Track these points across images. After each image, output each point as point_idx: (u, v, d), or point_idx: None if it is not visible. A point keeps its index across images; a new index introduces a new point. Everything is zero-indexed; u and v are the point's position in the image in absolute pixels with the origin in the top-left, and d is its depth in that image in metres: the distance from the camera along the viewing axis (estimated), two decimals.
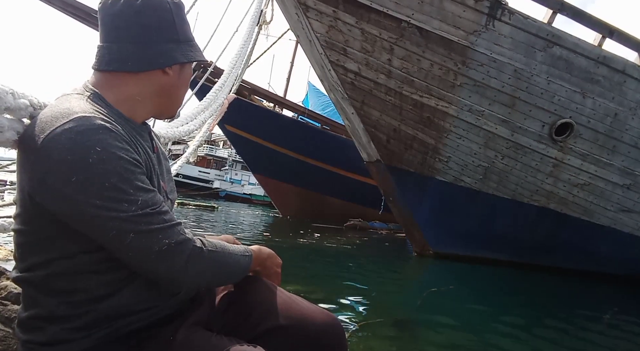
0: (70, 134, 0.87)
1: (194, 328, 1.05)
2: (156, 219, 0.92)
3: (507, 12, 6.59)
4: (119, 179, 0.88)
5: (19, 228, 0.95)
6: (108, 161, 0.87)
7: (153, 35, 1.05)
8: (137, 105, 1.06)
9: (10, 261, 4.04)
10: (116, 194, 0.88)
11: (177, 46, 1.08)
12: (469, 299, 5.47)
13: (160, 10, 1.05)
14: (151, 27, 1.04)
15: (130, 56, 1.03)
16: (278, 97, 16.26)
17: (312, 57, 7.94)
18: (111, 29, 1.04)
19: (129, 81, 1.05)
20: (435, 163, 7.82)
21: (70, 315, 0.93)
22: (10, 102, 0.99)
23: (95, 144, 0.87)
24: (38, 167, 0.88)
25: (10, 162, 5.06)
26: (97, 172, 0.86)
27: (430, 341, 3.41)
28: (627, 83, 7.04)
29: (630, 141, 7.30)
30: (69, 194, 0.86)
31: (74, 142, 0.86)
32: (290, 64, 21.36)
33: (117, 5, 1.01)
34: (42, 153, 0.87)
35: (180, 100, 1.18)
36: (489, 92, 7.03)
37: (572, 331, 4.34)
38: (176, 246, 0.94)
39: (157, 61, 1.05)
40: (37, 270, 0.93)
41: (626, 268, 8.11)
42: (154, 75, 1.06)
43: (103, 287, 0.95)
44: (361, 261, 7.40)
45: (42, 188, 0.88)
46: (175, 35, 1.08)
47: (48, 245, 0.92)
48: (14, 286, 2.01)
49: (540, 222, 7.98)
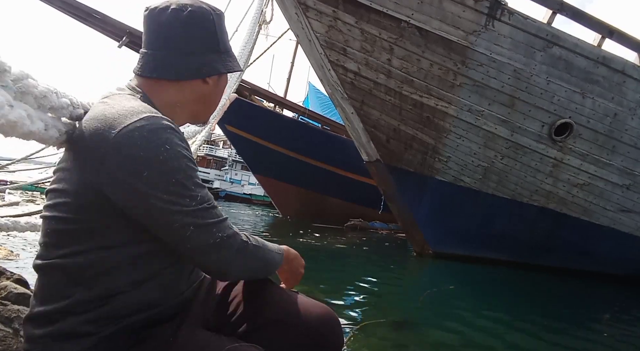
0: (143, 131, 0.92)
1: (194, 328, 1.06)
2: (211, 214, 1.00)
3: (507, 12, 6.59)
4: (184, 176, 0.95)
5: (61, 216, 0.97)
6: (175, 159, 0.94)
7: (197, 46, 1.11)
8: (176, 111, 1.12)
9: (10, 261, 4.05)
10: (181, 190, 0.95)
11: (218, 57, 1.14)
12: (468, 299, 5.48)
13: (205, 21, 1.10)
14: (195, 38, 1.10)
15: (174, 65, 1.09)
16: (278, 98, 16.27)
17: (311, 57, 7.94)
18: (157, 37, 1.09)
19: (170, 88, 1.10)
20: (434, 163, 7.83)
21: (88, 309, 0.96)
22: (55, 101, 1.02)
23: (165, 142, 0.93)
24: (109, 161, 0.91)
25: (10, 162, 5.06)
26: (166, 169, 0.93)
27: (430, 341, 3.42)
28: (627, 83, 7.05)
29: (629, 141, 7.31)
30: (139, 188, 0.91)
31: (147, 140, 0.91)
32: (290, 64, 21.35)
33: (164, 14, 1.07)
34: (114, 148, 0.91)
35: (215, 107, 1.25)
36: (488, 92, 7.03)
37: (572, 331, 4.35)
38: (227, 239, 1.02)
39: (199, 71, 1.11)
40: (74, 257, 0.96)
41: (625, 268, 8.12)
42: (195, 84, 1.12)
43: (124, 283, 0.98)
44: (361, 261, 7.41)
45: (113, 181, 0.92)
46: (216, 46, 1.14)
47: (91, 235, 0.96)
48: (14, 286, 2.02)
49: (539, 222, 7.99)
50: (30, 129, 0.95)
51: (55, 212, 0.98)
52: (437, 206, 8.06)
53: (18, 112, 0.92)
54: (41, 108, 1.01)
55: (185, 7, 1.08)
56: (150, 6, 1.10)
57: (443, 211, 8.06)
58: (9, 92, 0.93)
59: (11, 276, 2.34)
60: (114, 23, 9.05)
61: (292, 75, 21.45)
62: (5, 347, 1.51)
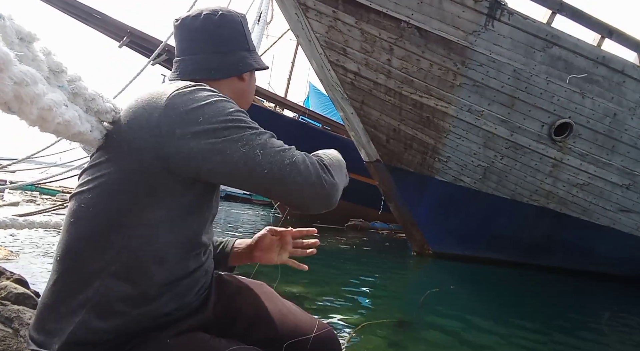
0: (189, 92, 0.99)
1: (192, 331, 1.05)
2: (277, 143, 1.00)
3: (507, 13, 6.60)
4: (237, 110, 1.00)
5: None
6: (226, 101, 1.00)
7: (231, 45, 1.19)
8: None
9: (10, 261, 4.06)
10: (239, 123, 0.97)
11: (249, 54, 1.22)
12: (468, 299, 5.48)
13: (235, 23, 1.20)
14: (229, 38, 1.19)
15: (213, 65, 1.16)
16: (279, 98, 16.25)
17: (311, 57, 7.95)
18: (193, 42, 1.17)
19: (209, 83, 1.13)
20: (434, 163, 7.83)
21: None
22: (101, 105, 1.05)
23: (212, 96, 1.00)
24: (166, 121, 0.95)
25: (10, 163, 5.07)
26: (219, 107, 0.97)
27: (431, 341, 3.42)
28: (627, 83, 7.05)
29: (629, 141, 7.31)
30: (198, 132, 0.93)
31: (195, 95, 0.98)
32: (291, 64, 21.33)
33: (198, 20, 1.16)
34: (169, 108, 0.96)
35: (249, 104, 1.31)
36: (488, 92, 7.04)
37: (572, 331, 4.35)
38: (301, 157, 1.00)
39: (236, 68, 1.19)
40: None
41: (625, 268, 8.12)
42: (232, 81, 1.20)
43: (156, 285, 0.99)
44: (361, 261, 7.41)
45: (172, 138, 0.94)
46: (246, 44, 1.23)
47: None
48: (14, 286, 2.03)
49: (539, 222, 7.99)
50: (79, 130, 0.97)
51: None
52: (437, 206, 8.07)
53: (72, 112, 0.95)
54: (89, 111, 1.05)
55: (216, 12, 1.16)
56: (180, 16, 1.18)
57: (443, 211, 8.07)
58: (64, 92, 0.97)
59: (11, 276, 2.35)
60: (115, 23, 9.06)
61: (293, 75, 21.44)
62: (5, 347, 1.51)
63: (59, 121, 0.89)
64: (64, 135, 0.97)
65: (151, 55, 6.43)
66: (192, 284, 1.09)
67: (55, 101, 0.86)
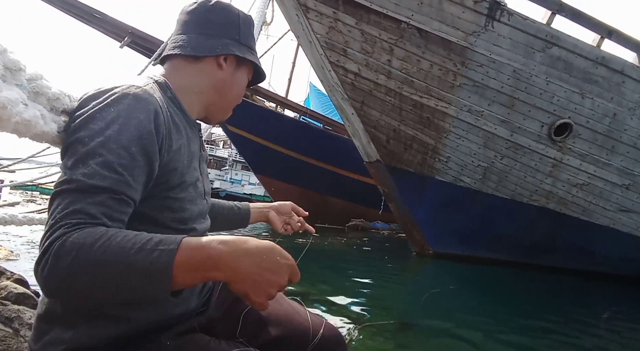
0: (90, 98, 0.92)
1: (192, 333, 1.04)
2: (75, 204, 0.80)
3: (506, 13, 6.60)
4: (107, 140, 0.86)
5: None
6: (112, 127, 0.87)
7: (216, 30, 1.13)
8: (192, 98, 1.10)
9: (10, 261, 4.07)
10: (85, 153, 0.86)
11: (236, 44, 1.14)
12: (468, 299, 5.49)
13: (229, 13, 1.15)
14: (216, 23, 1.13)
15: (192, 43, 1.11)
16: (280, 98, 16.24)
17: (312, 58, 7.96)
18: (183, 23, 1.14)
19: (187, 67, 1.11)
20: (434, 163, 7.84)
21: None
22: (67, 104, 1.01)
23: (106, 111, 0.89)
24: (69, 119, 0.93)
25: (10, 163, 5.08)
26: (95, 127, 0.87)
27: (431, 341, 3.43)
28: (626, 83, 7.05)
29: (628, 141, 7.31)
30: (67, 138, 0.91)
31: (91, 102, 0.91)
32: (291, 64, 21.32)
33: (192, 7, 1.14)
34: (76, 107, 0.94)
35: (231, 104, 1.20)
36: (488, 92, 7.05)
37: (572, 331, 4.35)
38: (61, 244, 0.74)
39: (213, 49, 1.11)
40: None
41: (625, 268, 8.13)
42: (210, 66, 1.12)
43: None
44: (362, 262, 7.41)
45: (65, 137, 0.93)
46: (236, 36, 1.14)
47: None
48: (14, 286, 2.04)
49: (539, 222, 8.00)
50: (43, 130, 0.94)
51: None
52: (437, 206, 8.07)
53: (33, 111, 0.91)
54: (54, 110, 1.00)
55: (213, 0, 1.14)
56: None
57: (443, 211, 8.07)
58: (23, 91, 0.93)
59: (11, 276, 2.36)
60: (116, 23, 9.07)
61: (293, 75, 21.44)
62: (5, 347, 1.52)
63: (17, 119, 0.86)
64: (25, 135, 0.94)
65: (152, 55, 6.45)
66: (194, 291, 1.08)
67: (11, 99, 0.83)
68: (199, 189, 1.09)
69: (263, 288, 0.76)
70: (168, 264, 0.72)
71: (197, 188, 1.07)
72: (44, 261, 0.74)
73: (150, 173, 0.91)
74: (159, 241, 0.74)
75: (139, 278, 0.72)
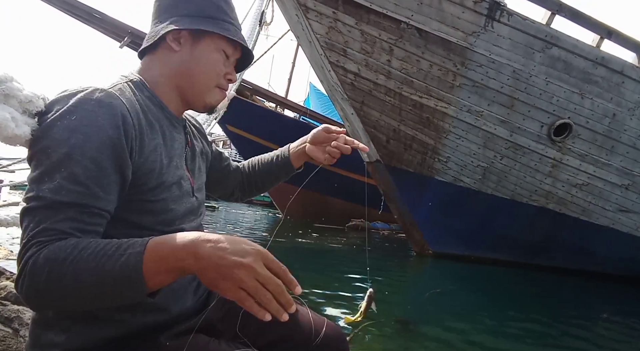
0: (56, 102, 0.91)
1: (191, 334, 1.02)
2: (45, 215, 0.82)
3: (506, 14, 6.60)
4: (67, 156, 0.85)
5: None
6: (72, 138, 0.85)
7: (165, 13, 1.06)
8: (165, 89, 1.06)
9: (10, 261, 4.07)
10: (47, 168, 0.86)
11: (186, 19, 1.04)
12: (468, 299, 5.49)
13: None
14: (165, 6, 1.07)
15: (147, 35, 1.08)
16: (280, 98, 16.24)
17: (311, 58, 7.96)
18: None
19: (150, 61, 1.08)
20: (434, 163, 7.84)
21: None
22: (41, 106, 0.98)
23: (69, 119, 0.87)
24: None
25: (10, 163, 5.09)
26: (56, 137, 0.86)
27: (432, 342, 3.43)
28: (626, 84, 7.05)
29: (628, 142, 7.32)
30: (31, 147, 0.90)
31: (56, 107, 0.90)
32: (291, 64, 21.32)
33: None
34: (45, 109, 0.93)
35: (206, 84, 1.09)
36: (487, 93, 7.05)
37: (572, 331, 4.36)
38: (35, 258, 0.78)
39: (158, 32, 1.05)
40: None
41: (625, 268, 8.13)
42: (164, 51, 1.06)
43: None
44: (362, 262, 7.41)
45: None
46: (186, 10, 1.05)
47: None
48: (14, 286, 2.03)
49: (539, 222, 8.00)
50: (15, 133, 0.91)
51: None
52: (437, 206, 8.08)
53: (2, 114, 0.89)
54: (27, 113, 0.96)
55: None
56: None
57: (443, 211, 8.07)
58: None
59: (11, 276, 2.36)
60: (116, 23, 9.06)
61: (293, 75, 21.43)
62: (5, 347, 1.52)
63: None
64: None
65: None
66: (188, 288, 1.08)
67: None
68: (184, 188, 1.05)
69: (230, 271, 0.71)
70: (137, 263, 0.73)
71: (181, 186, 1.04)
72: (21, 280, 0.77)
73: (122, 180, 0.89)
74: (127, 245, 0.75)
75: (114, 284, 0.73)
